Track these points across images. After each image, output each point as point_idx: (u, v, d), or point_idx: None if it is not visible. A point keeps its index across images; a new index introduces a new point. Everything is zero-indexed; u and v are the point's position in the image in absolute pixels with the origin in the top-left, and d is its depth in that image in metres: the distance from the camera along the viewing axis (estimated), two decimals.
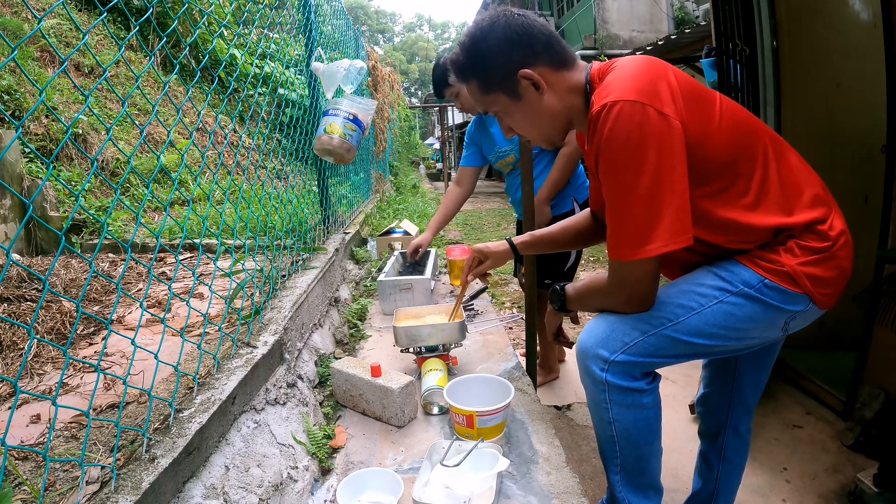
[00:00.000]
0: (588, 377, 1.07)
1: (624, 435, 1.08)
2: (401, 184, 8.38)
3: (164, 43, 0.99)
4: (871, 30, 2.11)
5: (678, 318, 1.01)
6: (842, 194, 2.35)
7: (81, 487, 0.75)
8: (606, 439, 1.12)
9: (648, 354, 1.02)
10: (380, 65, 5.13)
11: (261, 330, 1.28)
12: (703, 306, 1.01)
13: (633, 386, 1.03)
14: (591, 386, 1.07)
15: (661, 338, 1.01)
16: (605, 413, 1.07)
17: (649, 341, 1.01)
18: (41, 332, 1.38)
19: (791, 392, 2.27)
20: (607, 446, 1.13)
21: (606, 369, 1.03)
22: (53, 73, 3.39)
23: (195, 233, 2.56)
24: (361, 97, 1.78)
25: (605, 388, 1.04)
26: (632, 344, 1.01)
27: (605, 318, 1.08)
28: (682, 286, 1.05)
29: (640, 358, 1.02)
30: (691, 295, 1.02)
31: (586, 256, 5.82)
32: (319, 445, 1.18)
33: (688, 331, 1.01)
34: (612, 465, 1.15)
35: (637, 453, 1.11)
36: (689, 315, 1.01)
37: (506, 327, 2.15)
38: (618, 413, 1.06)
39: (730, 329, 1.01)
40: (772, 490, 1.74)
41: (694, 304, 1.01)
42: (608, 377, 1.03)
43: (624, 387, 1.03)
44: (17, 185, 2.44)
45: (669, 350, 1.03)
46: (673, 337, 1.01)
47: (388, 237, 2.83)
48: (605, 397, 1.05)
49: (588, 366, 1.05)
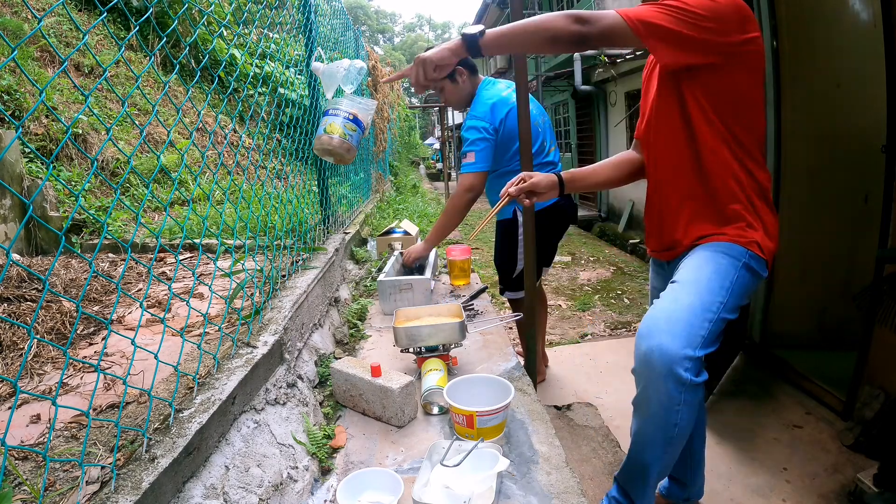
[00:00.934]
0: (670, 381, 1.04)
1: (679, 436, 1.11)
2: (401, 184, 8.38)
3: (164, 43, 0.99)
4: (871, 30, 2.11)
5: (724, 298, 1.10)
6: (842, 194, 2.38)
7: (81, 487, 0.75)
8: (663, 443, 1.12)
9: (712, 343, 1.08)
10: (380, 65, 5.13)
11: (261, 330, 1.28)
12: (732, 283, 1.12)
13: (702, 380, 1.07)
14: (671, 390, 1.05)
15: (719, 322, 1.09)
16: (675, 416, 1.07)
17: (714, 329, 1.07)
18: (41, 332, 1.38)
19: (791, 392, 2.27)
20: (658, 450, 1.14)
21: (690, 368, 1.04)
22: (53, 73, 3.39)
23: (195, 233, 2.56)
24: (361, 97, 1.78)
25: (685, 388, 1.04)
26: (706, 335, 1.06)
27: (674, 315, 1.08)
28: (709, 269, 1.13)
29: (709, 348, 1.07)
30: (721, 275, 1.12)
31: (586, 257, 5.82)
32: (319, 445, 1.18)
33: (730, 308, 1.11)
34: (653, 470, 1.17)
35: (678, 451, 1.16)
36: (729, 294, 1.11)
37: (506, 327, 2.15)
38: (685, 413, 1.07)
39: (741, 299, 1.14)
40: (772, 490, 1.74)
41: (727, 283, 1.11)
42: (692, 377, 1.04)
43: (698, 383, 1.06)
44: (17, 185, 2.44)
45: (719, 332, 1.09)
46: (723, 318, 1.09)
47: (388, 237, 2.83)
48: (682, 398, 1.05)
49: (674, 370, 1.03)
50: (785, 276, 2.47)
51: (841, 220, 2.39)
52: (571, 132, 9.63)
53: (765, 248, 1.17)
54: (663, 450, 1.14)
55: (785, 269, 2.45)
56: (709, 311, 1.08)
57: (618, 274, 4.97)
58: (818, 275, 2.44)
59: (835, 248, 2.40)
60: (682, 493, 1.57)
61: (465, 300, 2.05)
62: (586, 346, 3.16)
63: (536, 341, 1.90)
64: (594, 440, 2.11)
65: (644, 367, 1.08)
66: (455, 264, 2.29)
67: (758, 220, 1.19)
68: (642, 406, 1.13)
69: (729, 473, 1.83)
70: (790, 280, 2.46)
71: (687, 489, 1.56)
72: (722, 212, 1.20)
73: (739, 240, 1.16)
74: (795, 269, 2.43)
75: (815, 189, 2.39)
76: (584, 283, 4.69)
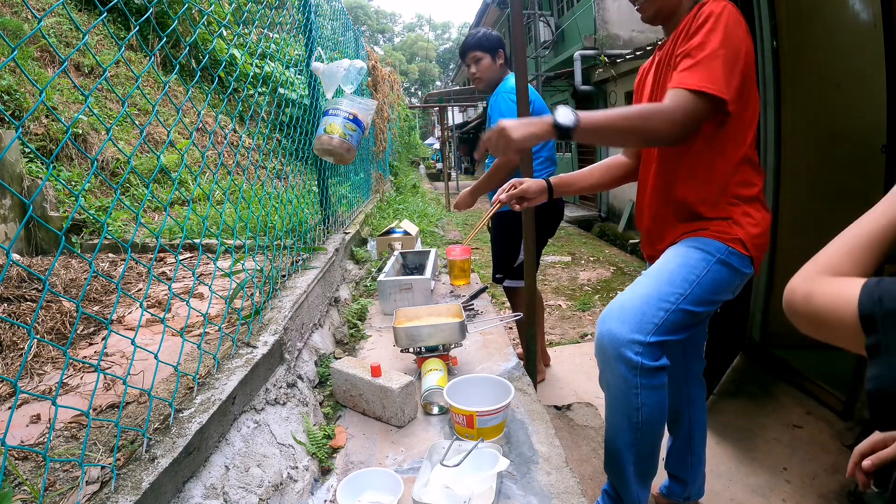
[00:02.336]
0: (621, 364, 1.12)
1: (647, 420, 1.16)
2: (401, 184, 8.37)
3: (164, 43, 0.99)
4: (871, 30, 2.11)
5: (686, 290, 1.14)
6: (842, 194, 2.37)
7: (81, 487, 0.75)
8: (629, 428, 1.17)
9: (669, 331, 1.13)
10: (380, 65, 5.13)
11: (261, 330, 1.28)
12: (699, 276, 1.16)
13: (659, 364, 1.12)
14: (624, 373, 1.12)
15: (679, 312, 1.13)
16: (635, 399, 1.13)
17: (671, 318, 1.12)
18: (41, 332, 1.38)
19: (791, 392, 2.27)
20: (628, 436, 1.18)
21: (641, 352, 1.11)
22: (53, 73, 3.39)
23: (195, 233, 2.56)
24: (361, 97, 1.78)
25: (638, 372, 1.11)
26: (660, 323, 1.12)
27: (628, 303, 1.16)
28: (675, 263, 1.18)
29: (665, 336, 1.12)
30: (688, 269, 1.16)
31: (586, 257, 5.82)
32: (319, 445, 1.18)
33: (694, 301, 1.15)
34: (627, 456, 1.21)
35: (652, 438, 1.20)
36: (693, 286, 1.15)
37: (506, 327, 2.15)
38: (646, 397, 1.13)
39: (715, 293, 1.18)
40: (772, 490, 1.74)
41: (693, 277, 1.15)
42: (643, 360, 1.10)
43: (654, 367, 1.11)
44: (17, 185, 2.44)
45: (682, 323, 1.14)
46: (686, 309, 1.14)
47: (388, 237, 2.83)
48: (637, 382, 1.12)
49: (622, 352, 1.11)
50: (785, 276, 2.46)
51: (841, 220, 2.38)
52: None
53: (750, 245, 1.19)
54: (632, 435, 1.18)
55: (785, 269, 2.45)
56: (665, 300, 1.13)
57: (618, 274, 4.97)
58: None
59: None
60: (682, 492, 1.57)
61: (465, 300, 2.05)
62: (586, 346, 3.16)
63: (536, 341, 1.90)
64: (594, 440, 2.11)
65: (598, 352, 1.18)
66: (455, 264, 2.29)
67: (745, 218, 1.20)
68: (604, 390, 1.22)
69: (729, 473, 1.83)
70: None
71: (687, 488, 1.56)
72: (708, 211, 1.22)
73: (722, 236, 1.19)
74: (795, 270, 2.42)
75: (815, 189, 2.38)
76: (584, 283, 4.69)
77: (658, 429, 1.19)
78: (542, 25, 10.25)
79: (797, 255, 2.62)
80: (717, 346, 2.30)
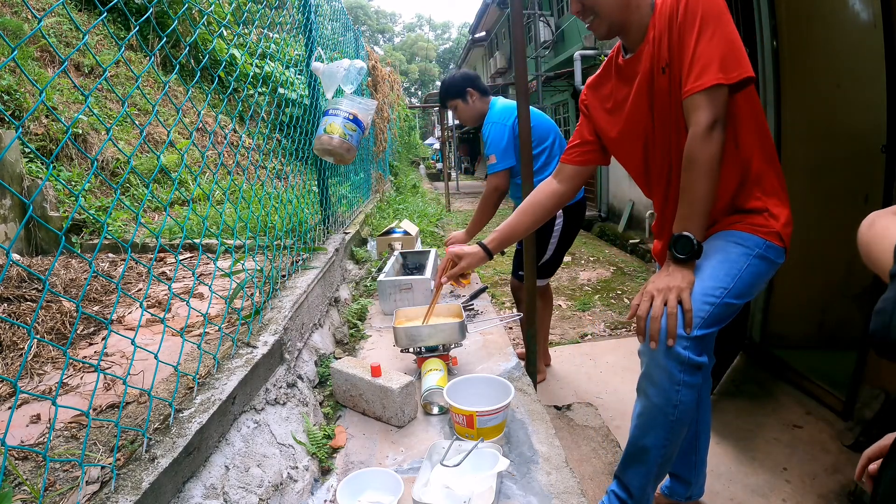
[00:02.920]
0: (668, 359, 1.11)
1: (681, 418, 1.15)
2: (401, 184, 8.37)
3: (164, 43, 0.99)
4: (871, 30, 2.11)
5: (729, 284, 1.14)
6: (842, 194, 2.37)
7: (81, 487, 0.75)
8: (663, 425, 1.16)
9: (713, 325, 1.13)
10: (380, 65, 5.13)
11: (261, 330, 1.28)
12: (740, 270, 1.16)
13: (701, 361, 1.12)
14: (670, 368, 1.12)
15: (723, 306, 1.13)
16: (675, 395, 1.13)
17: (715, 312, 1.12)
18: (41, 332, 1.38)
19: (791, 392, 2.27)
20: (660, 434, 1.18)
21: (688, 346, 1.10)
22: (53, 73, 3.39)
23: (195, 233, 2.56)
24: (361, 97, 1.78)
25: (683, 367, 1.10)
26: (706, 317, 1.11)
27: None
28: (717, 258, 1.18)
29: (710, 329, 1.12)
30: (729, 264, 1.16)
31: (586, 257, 5.82)
32: (319, 445, 1.18)
33: (736, 294, 1.15)
34: (654, 456, 1.20)
35: (679, 437, 1.19)
36: (735, 280, 1.15)
37: (506, 327, 2.15)
38: (685, 395, 1.13)
39: (753, 286, 1.18)
40: (772, 490, 1.74)
41: (734, 271, 1.15)
42: (690, 355, 1.10)
43: (697, 363, 1.11)
44: (17, 185, 2.44)
45: (722, 316, 1.14)
46: (728, 303, 1.14)
47: (388, 237, 2.83)
48: (681, 378, 1.11)
49: (671, 347, 1.10)
50: (785, 276, 2.46)
51: (841, 220, 2.38)
52: (571, 132, 9.62)
53: (784, 236, 1.20)
54: (665, 432, 1.17)
55: (785, 269, 2.43)
56: (711, 295, 1.13)
57: (618, 274, 4.97)
58: (818, 275, 2.44)
59: (835, 248, 2.40)
60: (684, 492, 1.57)
61: (465, 300, 2.05)
62: (586, 346, 3.16)
63: (537, 340, 1.90)
64: (594, 440, 2.11)
65: (646, 346, 1.16)
66: None
67: (778, 209, 1.22)
68: (645, 385, 1.19)
69: (729, 473, 1.83)
70: (790, 280, 2.45)
71: (689, 488, 1.56)
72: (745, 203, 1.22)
73: (759, 230, 1.19)
74: (796, 270, 2.43)
75: (815, 189, 2.39)
76: (584, 283, 4.69)
77: (685, 428, 1.19)
78: (542, 25, 10.25)
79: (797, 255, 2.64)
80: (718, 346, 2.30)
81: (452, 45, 54.80)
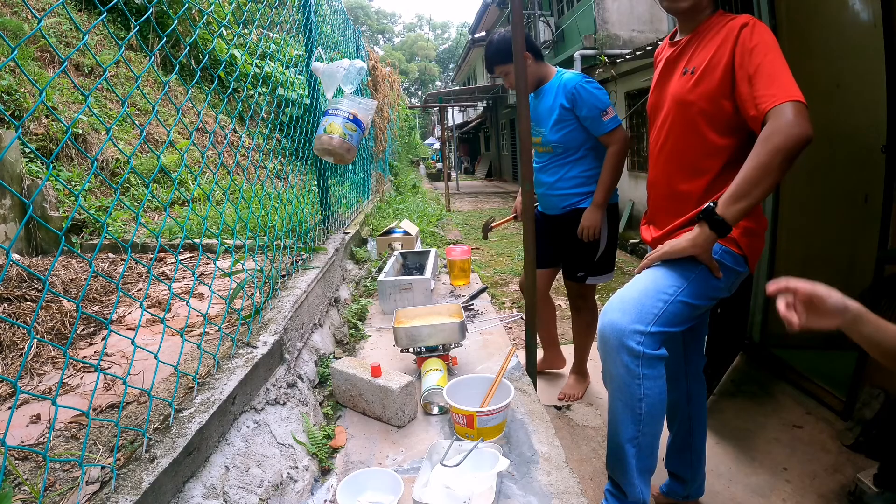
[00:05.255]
0: (624, 354, 1.15)
1: (649, 411, 1.18)
2: (401, 184, 8.38)
3: (164, 43, 0.99)
4: (871, 30, 2.11)
5: (684, 283, 1.18)
6: (842, 194, 2.37)
7: (81, 487, 0.75)
8: (632, 420, 1.20)
9: (669, 323, 1.17)
10: (380, 65, 5.13)
11: (261, 330, 1.28)
12: (693, 271, 1.20)
13: (660, 354, 1.16)
14: (627, 362, 1.15)
15: (678, 304, 1.17)
16: (637, 389, 1.16)
17: (670, 309, 1.17)
18: (41, 332, 1.38)
19: (791, 392, 2.27)
20: (630, 429, 1.21)
21: (642, 342, 1.14)
22: (53, 73, 3.39)
23: (195, 233, 2.56)
24: (361, 97, 1.78)
25: (640, 361, 1.14)
26: (659, 314, 1.15)
27: (627, 295, 1.20)
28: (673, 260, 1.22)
29: (665, 327, 1.16)
30: (681, 266, 1.20)
31: None
32: (319, 445, 1.18)
33: (692, 293, 1.19)
34: (629, 451, 1.22)
35: (653, 430, 1.22)
36: (691, 280, 1.19)
37: (506, 327, 2.15)
38: (648, 387, 1.16)
39: (711, 289, 1.22)
40: (772, 490, 1.74)
41: (687, 272, 1.20)
42: (645, 349, 1.14)
43: (655, 356, 1.15)
44: (17, 185, 2.44)
45: (681, 315, 1.18)
46: (684, 301, 1.18)
47: (388, 237, 2.83)
48: (640, 372, 1.15)
49: (625, 342, 1.15)
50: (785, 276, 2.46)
51: (841, 221, 2.39)
52: None
53: (743, 244, 1.23)
54: (635, 428, 1.20)
55: (785, 270, 2.45)
56: (664, 292, 1.17)
57: (618, 274, 4.96)
58: (818, 275, 2.41)
59: (835, 248, 2.40)
60: (682, 491, 1.57)
61: (465, 300, 2.05)
62: None
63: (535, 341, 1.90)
64: (594, 440, 2.11)
65: (601, 344, 1.20)
66: (455, 264, 2.29)
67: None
68: (607, 382, 1.24)
69: (729, 473, 1.83)
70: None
71: (687, 486, 1.56)
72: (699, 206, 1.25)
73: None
74: (795, 270, 2.43)
75: (815, 189, 2.39)
76: None
77: (659, 421, 1.22)
78: (542, 25, 10.25)
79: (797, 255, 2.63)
80: (717, 346, 2.30)
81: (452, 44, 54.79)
